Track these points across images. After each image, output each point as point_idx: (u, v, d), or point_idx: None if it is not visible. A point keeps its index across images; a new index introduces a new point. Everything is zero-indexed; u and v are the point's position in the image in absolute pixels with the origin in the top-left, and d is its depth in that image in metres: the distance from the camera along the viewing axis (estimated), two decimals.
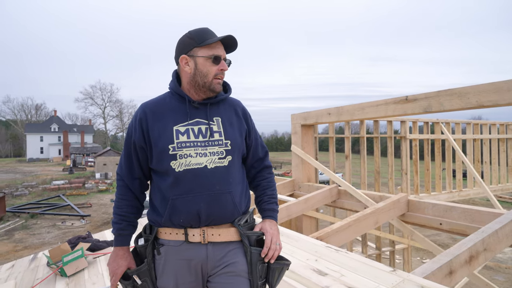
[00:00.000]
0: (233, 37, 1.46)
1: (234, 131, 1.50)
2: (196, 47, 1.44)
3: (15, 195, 24.42)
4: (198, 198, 1.39)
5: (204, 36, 1.44)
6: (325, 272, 2.65)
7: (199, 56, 1.44)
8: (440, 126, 7.48)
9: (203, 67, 1.44)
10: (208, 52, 1.44)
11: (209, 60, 1.44)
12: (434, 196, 7.25)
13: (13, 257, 12.29)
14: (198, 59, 1.44)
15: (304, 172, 6.12)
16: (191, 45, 1.45)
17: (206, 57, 1.44)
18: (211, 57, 1.44)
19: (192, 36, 1.45)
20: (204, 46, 1.43)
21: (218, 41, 1.46)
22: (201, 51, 1.44)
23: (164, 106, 1.48)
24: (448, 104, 3.71)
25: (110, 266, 1.49)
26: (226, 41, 1.48)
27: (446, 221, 3.89)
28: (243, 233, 1.45)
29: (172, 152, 1.40)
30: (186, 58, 1.46)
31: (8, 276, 3.68)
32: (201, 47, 1.43)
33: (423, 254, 11.40)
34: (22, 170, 42.94)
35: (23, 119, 76.80)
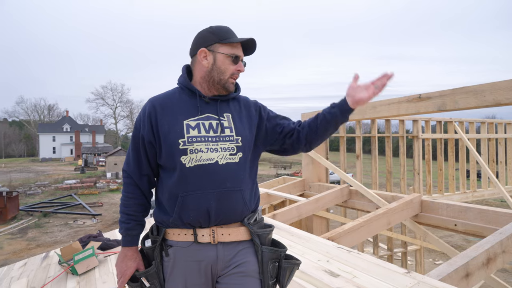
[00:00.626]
0: (254, 41, 1.46)
1: (245, 128, 1.47)
2: (217, 43, 1.43)
3: (29, 194, 24.84)
4: (208, 195, 1.35)
5: (227, 34, 1.44)
6: (337, 273, 2.60)
7: (219, 52, 1.42)
8: (453, 125, 7.34)
9: (222, 64, 1.43)
10: (230, 50, 1.43)
11: (229, 58, 1.43)
12: (448, 197, 7.12)
13: (26, 255, 12.49)
14: (218, 55, 1.43)
15: (314, 171, 6.07)
16: (212, 40, 1.43)
17: (227, 54, 1.43)
18: (232, 55, 1.43)
19: (214, 32, 1.44)
20: (226, 44, 1.43)
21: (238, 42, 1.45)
22: (222, 48, 1.43)
23: (173, 100, 1.45)
24: (463, 102, 3.62)
25: (118, 267, 1.45)
26: (247, 44, 1.47)
27: (462, 222, 3.80)
28: (254, 232, 1.42)
29: (182, 147, 1.35)
30: (206, 52, 1.43)
31: (20, 274, 3.72)
32: (223, 44, 1.42)
33: (435, 255, 11.23)
34: (35, 169, 43.67)
35: (36, 120, 78.20)
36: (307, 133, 1.51)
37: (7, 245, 14.18)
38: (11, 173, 38.97)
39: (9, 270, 4.00)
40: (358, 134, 6.31)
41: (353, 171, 22.61)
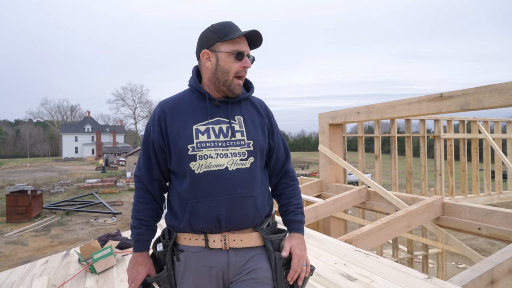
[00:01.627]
0: (258, 32, 1.37)
1: (257, 131, 1.42)
2: (218, 42, 1.36)
3: (52, 193, 25.58)
4: (218, 202, 1.31)
5: (228, 30, 1.36)
6: (354, 277, 2.53)
7: (221, 52, 1.36)
8: (477, 124, 7.09)
9: (225, 63, 1.36)
10: (231, 47, 1.36)
11: (231, 55, 1.36)
12: (471, 199, 6.88)
13: (49, 252, 12.84)
14: (220, 54, 1.36)
15: (332, 172, 5.98)
16: (213, 40, 1.37)
17: (229, 52, 1.36)
18: (234, 52, 1.36)
19: (215, 30, 1.37)
20: (227, 41, 1.35)
21: (242, 36, 1.37)
22: (223, 46, 1.36)
23: (183, 104, 1.41)
24: (487, 101, 3.48)
25: (129, 272, 1.43)
26: (251, 37, 1.39)
27: (486, 226, 3.65)
28: (267, 238, 1.37)
29: (191, 153, 1.32)
30: (208, 53, 1.38)
31: (42, 271, 3.81)
32: (224, 41, 1.36)
33: (458, 258, 10.89)
34: (58, 168, 44.94)
35: (59, 120, 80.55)
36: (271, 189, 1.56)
37: (32, 242, 14.62)
38: (36, 172, 40.25)
39: (31, 267, 4.11)
40: (377, 134, 6.18)
41: (372, 171, 22.25)
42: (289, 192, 1.52)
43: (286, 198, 1.51)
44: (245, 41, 1.39)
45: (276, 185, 1.55)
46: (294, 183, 1.54)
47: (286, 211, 1.50)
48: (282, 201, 1.53)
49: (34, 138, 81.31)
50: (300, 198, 1.54)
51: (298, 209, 1.49)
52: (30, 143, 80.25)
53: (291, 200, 1.50)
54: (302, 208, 1.52)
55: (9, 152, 79.37)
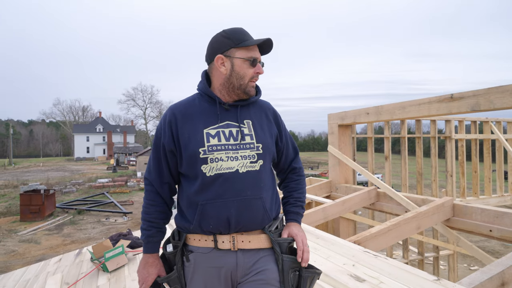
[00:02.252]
0: (271, 40, 1.42)
1: (265, 135, 1.45)
2: (233, 48, 1.40)
3: (64, 192, 26.00)
4: (228, 204, 1.34)
5: (242, 37, 1.40)
6: (362, 278, 2.54)
7: (236, 57, 1.40)
8: (490, 125, 7.00)
9: (240, 69, 1.40)
10: (246, 54, 1.40)
11: (246, 62, 1.40)
12: (483, 200, 6.79)
13: (62, 250, 13.06)
14: (235, 60, 1.40)
15: (341, 173, 5.97)
16: (228, 45, 1.40)
17: (244, 59, 1.40)
18: (249, 59, 1.40)
19: (229, 36, 1.41)
20: (242, 47, 1.39)
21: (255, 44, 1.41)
22: (238, 52, 1.40)
23: (193, 108, 1.44)
24: (499, 102, 3.44)
25: (139, 274, 1.46)
26: (262, 44, 1.43)
27: (497, 228, 3.60)
28: (274, 240, 1.40)
29: (202, 156, 1.36)
30: (223, 58, 1.41)
31: (56, 269, 3.90)
32: (239, 48, 1.39)
33: (470, 260, 10.74)
34: (71, 168, 45.62)
35: (71, 120, 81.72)
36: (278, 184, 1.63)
37: (45, 241, 14.89)
38: (48, 171, 40.94)
39: (45, 265, 4.20)
40: (387, 134, 6.15)
41: (382, 171, 21.96)
42: (293, 186, 1.58)
43: (289, 191, 1.58)
44: (257, 48, 1.44)
45: (283, 180, 1.61)
46: (299, 179, 1.60)
47: (287, 202, 1.57)
48: (285, 194, 1.60)
49: (46, 138, 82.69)
50: (302, 193, 1.59)
51: (298, 201, 1.56)
52: (43, 143, 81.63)
53: (292, 193, 1.57)
54: (302, 202, 1.57)
55: (23, 152, 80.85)
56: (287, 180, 1.60)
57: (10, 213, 19.59)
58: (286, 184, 1.60)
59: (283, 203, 1.58)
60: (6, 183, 30.81)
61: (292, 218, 1.52)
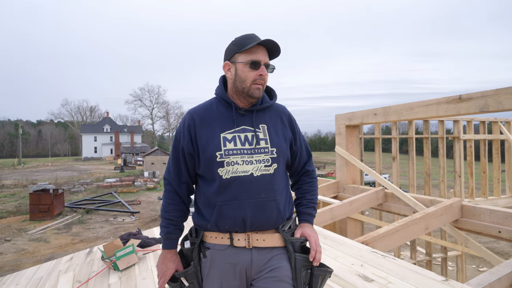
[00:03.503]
0: (272, 41, 1.43)
1: (280, 139, 1.50)
2: (237, 53, 1.45)
3: (73, 192, 26.25)
4: (244, 205, 1.40)
5: (245, 41, 1.44)
6: (371, 278, 2.56)
7: (238, 62, 1.45)
8: (499, 125, 6.95)
9: (242, 73, 1.44)
10: (247, 57, 1.44)
11: (246, 65, 1.44)
12: (492, 201, 6.75)
13: (70, 249, 13.21)
14: (238, 64, 1.45)
15: (348, 173, 5.97)
16: (233, 51, 1.46)
17: (244, 62, 1.44)
18: (248, 62, 1.43)
19: (236, 42, 1.46)
20: (244, 51, 1.43)
21: (259, 46, 1.44)
22: (240, 57, 1.45)
23: (211, 113, 1.50)
24: (508, 103, 3.43)
25: (159, 268, 1.53)
26: (269, 46, 1.46)
27: (506, 229, 3.59)
28: (288, 239, 1.45)
29: (219, 159, 1.41)
30: (229, 64, 1.48)
31: (67, 267, 3.96)
32: (241, 52, 1.44)
33: (479, 261, 10.65)
34: (79, 168, 46.05)
35: (79, 121, 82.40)
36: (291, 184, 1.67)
37: (54, 240, 15.06)
38: (57, 171, 41.38)
39: (57, 263, 4.27)
40: (394, 135, 6.14)
41: (389, 171, 21.83)
42: (305, 188, 1.63)
43: (302, 193, 1.63)
44: (263, 51, 1.46)
45: (296, 182, 1.66)
46: (312, 181, 1.64)
47: (299, 203, 1.61)
48: (297, 195, 1.64)
49: (55, 138, 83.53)
50: (315, 195, 1.64)
51: (310, 203, 1.60)
52: (51, 143, 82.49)
53: (305, 195, 1.61)
54: (314, 203, 1.62)
55: (32, 151, 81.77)
56: (300, 182, 1.64)
57: (20, 212, 19.85)
58: (299, 186, 1.64)
59: (296, 204, 1.63)
60: (15, 182, 31.22)
61: (305, 219, 1.57)
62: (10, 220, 18.27)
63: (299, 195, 1.63)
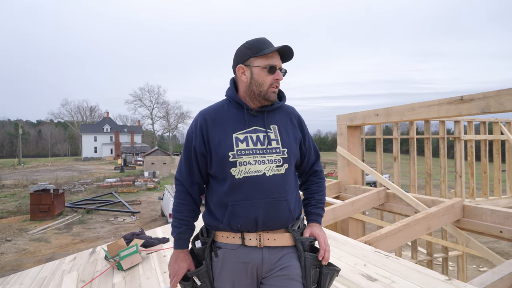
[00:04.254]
0: (289, 47, 1.48)
1: (290, 140, 1.53)
2: (252, 57, 1.47)
3: (73, 192, 26.26)
4: (256, 205, 1.43)
5: (261, 46, 1.47)
6: (374, 278, 2.59)
7: (255, 66, 1.47)
8: (499, 125, 6.98)
9: (259, 77, 1.47)
10: (264, 62, 1.47)
11: (264, 70, 1.47)
12: (493, 201, 6.78)
13: (71, 249, 13.23)
14: (254, 68, 1.47)
15: (350, 174, 6.00)
16: (247, 55, 1.48)
17: (262, 67, 1.46)
18: (266, 67, 1.46)
19: (249, 46, 1.49)
20: (260, 56, 1.46)
21: (274, 51, 1.48)
22: (257, 61, 1.47)
23: (223, 114, 1.52)
24: (509, 104, 3.45)
25: (171, 268, 1.55)
26: (283, 51, 1.50)
27: (508, 229, 3.62)
28: (298, 239, 1.48)
29: (232, 159, 1.44)
30: (243, 68, 1.50)
31: (71, 267, 3.98)
32: (257, 57, 1.47)
33: (479, 262, 10.69)
34: (79, 168, 46.05)
35: (79, 121, 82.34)
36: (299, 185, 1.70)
37: (55, 239, 15.08)
38: (57, 171, 41.37)
39: (60, 263, 4.29)
40: (395, 135, 6.17)
41: (390, 172, 21.81)
42: (314, 188, 1.66)
43: (310, 193, 1.66)
44: (277, 55, 1.50)
45: (304, 182, 1.69)
46: (320, 181, 1.68)
47: (308, 204, 1.64)
48: (306, 195, 1.67)
49: (55, 138, 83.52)
50: (323, 195, 1.67)
51: (319, 203, 1.64)
52: (51, 143, 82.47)
53: (314, 195, 1.65)
54: (322, 204, 1.66)
55: (32, 151, 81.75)
56: (309, 183, 1.67)
57: (20, 212, 19.87)
58: (307, 186, 1.67)
59: (305, 204, 1.66)
60: (16, 182, 31.23)
61: (314, 219, 1.60)
62: (11, 220, 18.29)
63: (307, 195, 1.66)
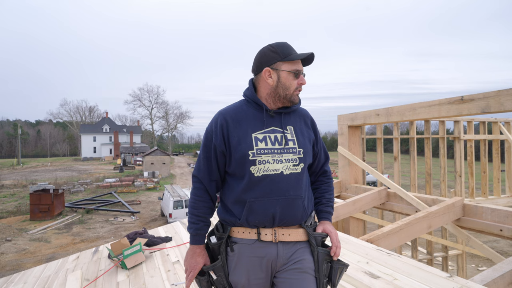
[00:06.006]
0: (313, 54, 1.55)
1: (305, 140, 1.59)
2: (280, 61, 1.53)
3: (72, 192, 26.26)
4: (274, 202, 1.49)
5: (288, 51, 1.53)
6: (377, 275, 2.62)
7: (282, 70, 1.53)
8: (499, 125, 7.03)
9: (286, 81, 1.54)
10: (291, 67, 1.53)
11: (291, 74, 1.53)
12: (492, 200, 6.83)
13: (71, 249, 13.24)
14: (281, 72, 1.53)
15: (351, 173, 6.04)
16: (275, 59, 1.53)
17: (289, 71, 1.53)
18: (293, 71, 1.53)
19: (276, 50, 1.54)
20: (288, 61, 1.52)
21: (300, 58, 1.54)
22: (284, 66, 1.53)
23: (242, 114, 1.58)
24: (509, 104, 3.49)
25: (187, 263, 1.60)
26: (307, 57, 1.56)
27: (508, 228, 3.66)
28: (311, 234, 1.55)
29: (252, 158, 1.49)
30: (270, 71, 1.54)
31: (75, 266, 4.01)
32: (285, 61, 1.53)
33: (478, 261, 10.75)
34: (78, 168, 46.01)
35: (78, 121, 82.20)
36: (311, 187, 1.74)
37: (55, 239, 15.09)
38: (56, 171, 41.33)
39: (64, 262, 4.32)
40: (396, 135, 6.21)
41: (390, 171, 21.83)
42: (324, 188, 1.72)
43: (320, 192, 1.72)
44: (300, 61, 1.57)
45: (314, 182, 1.75)
46: (329, 181, 1.74)
47: (319, 202, 1.70)
48: (316, 195, 1.72)
49: (54, 138, 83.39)
50: (332, 194, 1.74)
51: (329, 202, 1.70)
52: (50, 143, 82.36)
53: (324, 194, 1.71)
54: (332, 202, 1.72)
55: (31, 151, 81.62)
56: (319, 183, 1.73)
57: (20, 212, 19.87)
58: (317, 186, 1.73)
59: (315, 203, 1.71)
60: (15, 182, 31.22)
61: (325, 217, 1.67)
62: (11, 220, 18.29)
63: (318, 195, 1.71)
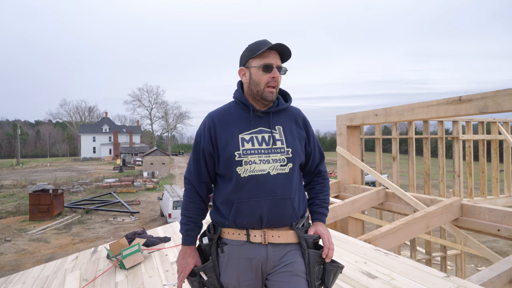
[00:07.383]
0: (283, 45, 1.52)
1: (295, 140, 1.58)
2: (250, 59, 1.54)
3: (72, 192, 26.24)
4: (261, 203, 1.48)
5: (258, 47, 1.52)
6: (374, 275, 2.63)
7: (252, 67, 1.54)
8: (497, 125, 7.04)
9: (256, 76, 1.53)
10: (260, 61, 1.52)
11: (260, 69, 1.52)
12: (491, 200, 6.84)
13: (71, 249, 13.24)
14: (252, 69, 1.54)
15: (349, 173, 6.04)
16: (247, 57, 1.55)
17: (258, 66, 1.52)
18: (261, 66, 1.51)
19: (249, 49, 1.55)
20: (257, 56, 1.52)
21: (271, 50, 1.52)
22: (254, 62, 1.53)
23: (230, 115, 1.58)
24: (507, 105, 3.51)
25: (179, 263, 1.60)
26: (281, 50, 1.54)
27: (505, 228, 3.67)
28: (302, 236, 1.53)
29: (238, 159, 1.49)
30: (243, 70, 1.57)
31: (73, 266, 4.01)
32: (254, 57, 1.53)
33: (477, 261, 10.76)
34: (77, 168, 45.99)
35: (78, 121, 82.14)
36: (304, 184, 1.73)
37: (54, 240, 15.09)
38: (56, 171, 41.31)
39: (62, 262, 4.32)
40: (394, 135, 6.22)
41: (389, 171, 21.81)
42: (318, 188, 1.70)
43: (315, 193, 1.70)
44: (275, 54, 1.55)
45: (309, 182, 1.73)
46: (324, 182, 1.72)
47: (313, 203, 1.69)
48: (310, 195, 1.71)
49: (53, 138, 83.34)
50: (327, 195, 1.71)
51: (323, 203, 1.68)
52: (50, 143, 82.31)
53: (318, 195, 1.69)
54: (327, 203, 1.70)
55: (30, 152, 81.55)
56: (313, 183, 1.72)
57: (19, 212, 19.86)
58: (312, 186, 1.72)
59: (309, 204, 1.70)
60: (14, 182, 31.20)
61: (318, 218, 1.65)
62: (10, 220, 18.28)
63: (312, 195, 1.70)
